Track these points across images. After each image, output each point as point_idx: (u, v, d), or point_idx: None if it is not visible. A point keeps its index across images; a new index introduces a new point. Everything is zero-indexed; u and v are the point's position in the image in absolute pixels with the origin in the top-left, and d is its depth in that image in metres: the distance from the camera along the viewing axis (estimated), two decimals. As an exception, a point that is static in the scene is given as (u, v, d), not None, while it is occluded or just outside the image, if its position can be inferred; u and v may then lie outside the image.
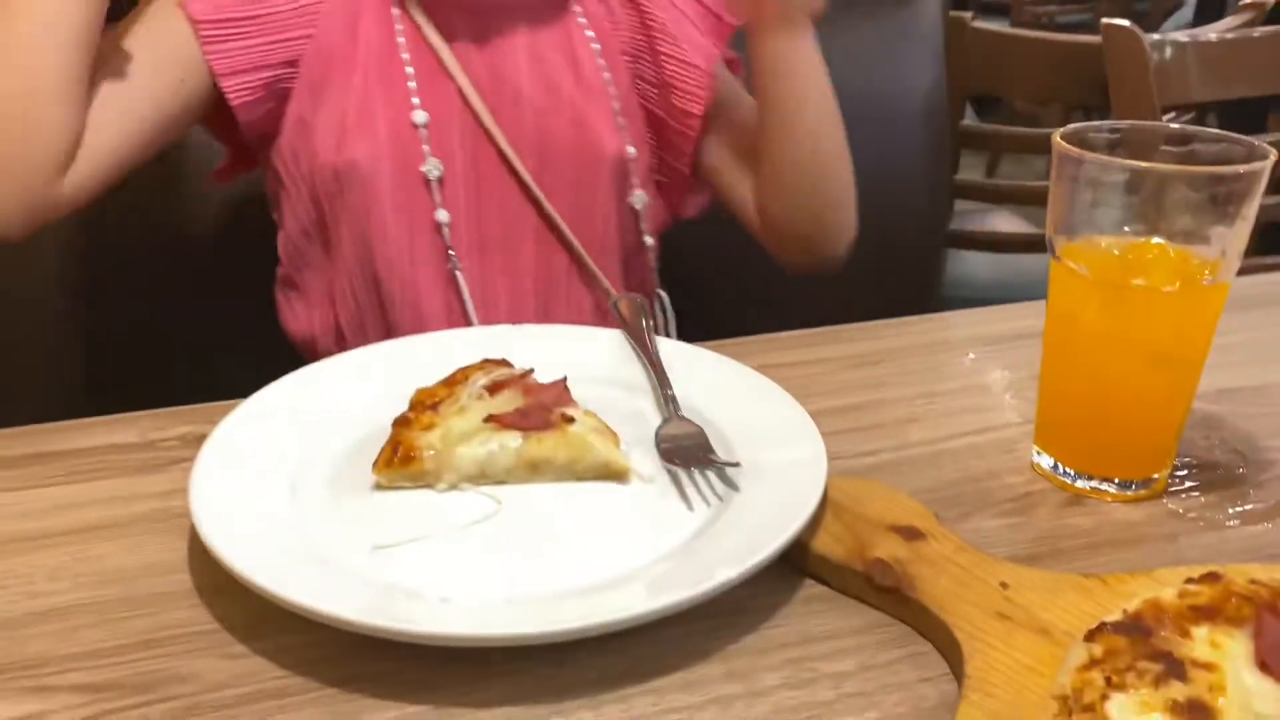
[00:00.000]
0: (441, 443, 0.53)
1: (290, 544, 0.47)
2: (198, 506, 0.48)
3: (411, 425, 0.54)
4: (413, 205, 0.79)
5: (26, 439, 0.60)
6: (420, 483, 0.53)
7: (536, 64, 0.83)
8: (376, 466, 0.52)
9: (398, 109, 0.78)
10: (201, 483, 0.50)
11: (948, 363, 0.71)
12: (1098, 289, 0.51)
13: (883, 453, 0.59)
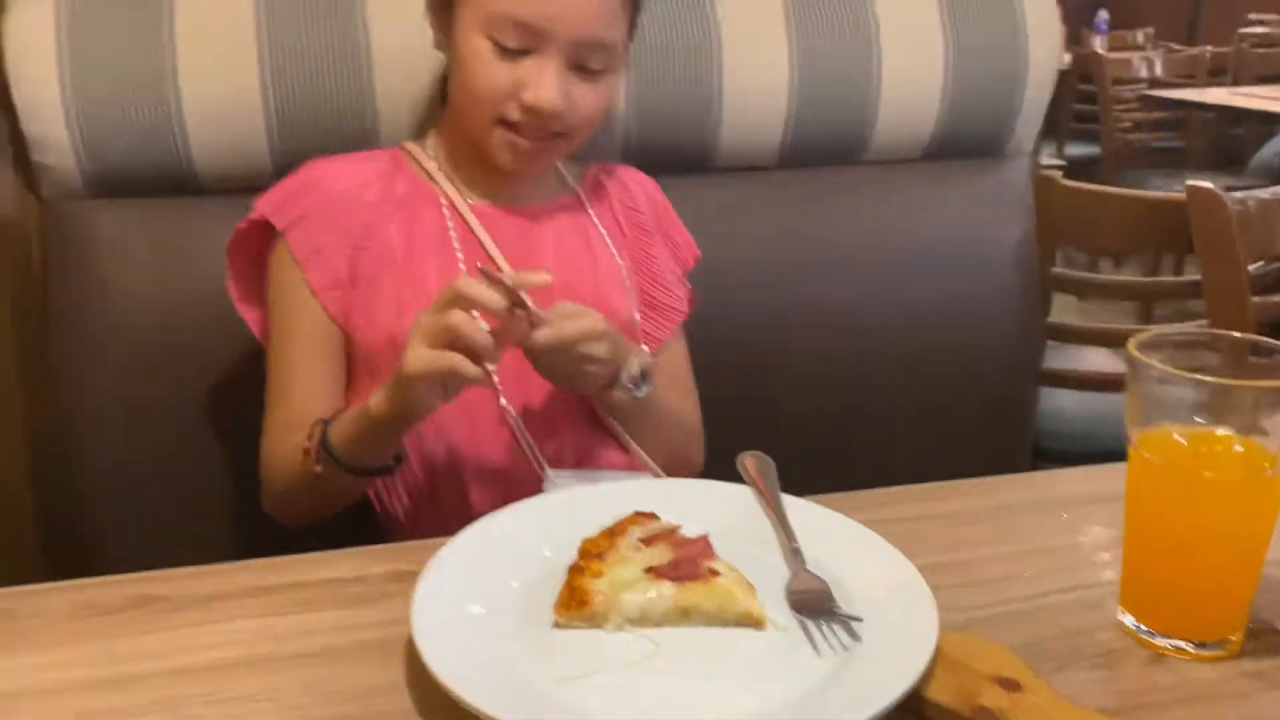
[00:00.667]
0: (610, 589, 0.63)
1: (494, 670, 0.58)
2: (421, 638, 0.58)
3: (584, 573, 0.64)
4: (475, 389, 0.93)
5: (256, 571, 0.72)
6: (592, 623, 0.63)
7: (563, 254, 1.02)
8: (557, 608, 0.63)
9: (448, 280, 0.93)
10: (420, 617, 0.60)
11: (1043, 522, 0.79)
12: (1169, 477, 0.60)
13: (984, 607, 0.67)
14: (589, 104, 0.96)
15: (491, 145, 0.96)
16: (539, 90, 0.91)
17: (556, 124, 0.94)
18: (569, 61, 0.93)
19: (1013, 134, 1.35)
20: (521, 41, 0.91)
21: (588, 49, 0.93)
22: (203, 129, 1.07)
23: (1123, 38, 5.54)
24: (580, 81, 0.94)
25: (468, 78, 0.94)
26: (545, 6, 0.90)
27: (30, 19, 1.04)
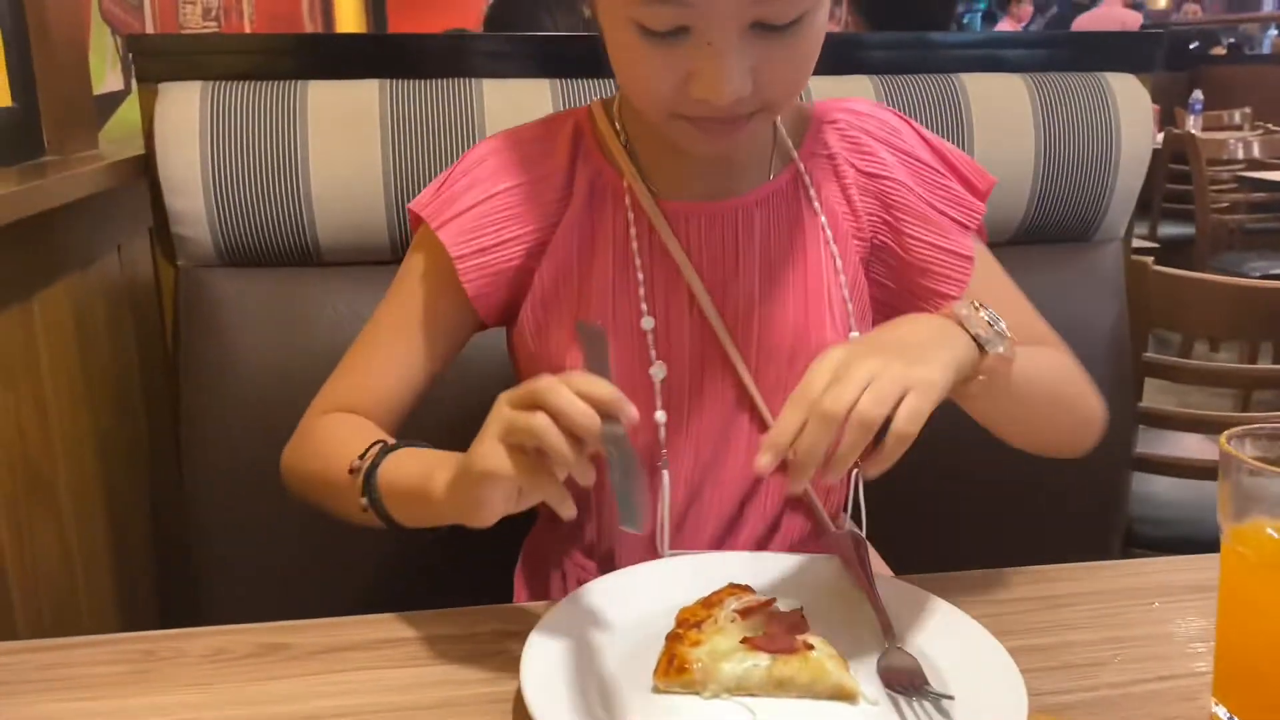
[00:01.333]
0: (708, 658, 0.66)
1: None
2: (529, 692, 0.62)
3: (683, 640, 0.67)
4: (636, 404, 0.82)
5: (375, 626, 0.77)
6: (689, 690, 0.66)
7: (766, 265, 0.85)
8: (657, 674, 0.66)
9: (628, 316, 0.83)
10: (529, 672, 0.64)
11: (1134, 608, 0.79)
12: (1261, 571, 0.61)
13: (1075, 692, 0.68)
14: (784, 71, 0.74)
15: (673, 136, 0.79)
16: (708, 84, 0.72)
17: (744, 106, 0.75)
18: (744, 24, 0.71)
19: (1104, 220, 1.37)
20: (672, 20, 0.70)
21: (766, 2, 0.70)
22: (327, 208, 1.15)
23: (1219, 117, 5.48)
24: (767, 43, 0.72)
25: (622, 78, 0.78)
26: None
27: (178, 104, 1.14)
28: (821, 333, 0.85)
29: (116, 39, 1.75)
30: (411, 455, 0.76)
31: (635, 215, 0.84)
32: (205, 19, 2.32)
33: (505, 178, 0.86)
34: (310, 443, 0.86)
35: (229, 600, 1.16)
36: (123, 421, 1.29)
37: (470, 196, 0.85)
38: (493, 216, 0.85)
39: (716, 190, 0.86)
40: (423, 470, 0.72)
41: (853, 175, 0.88)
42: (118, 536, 1.25)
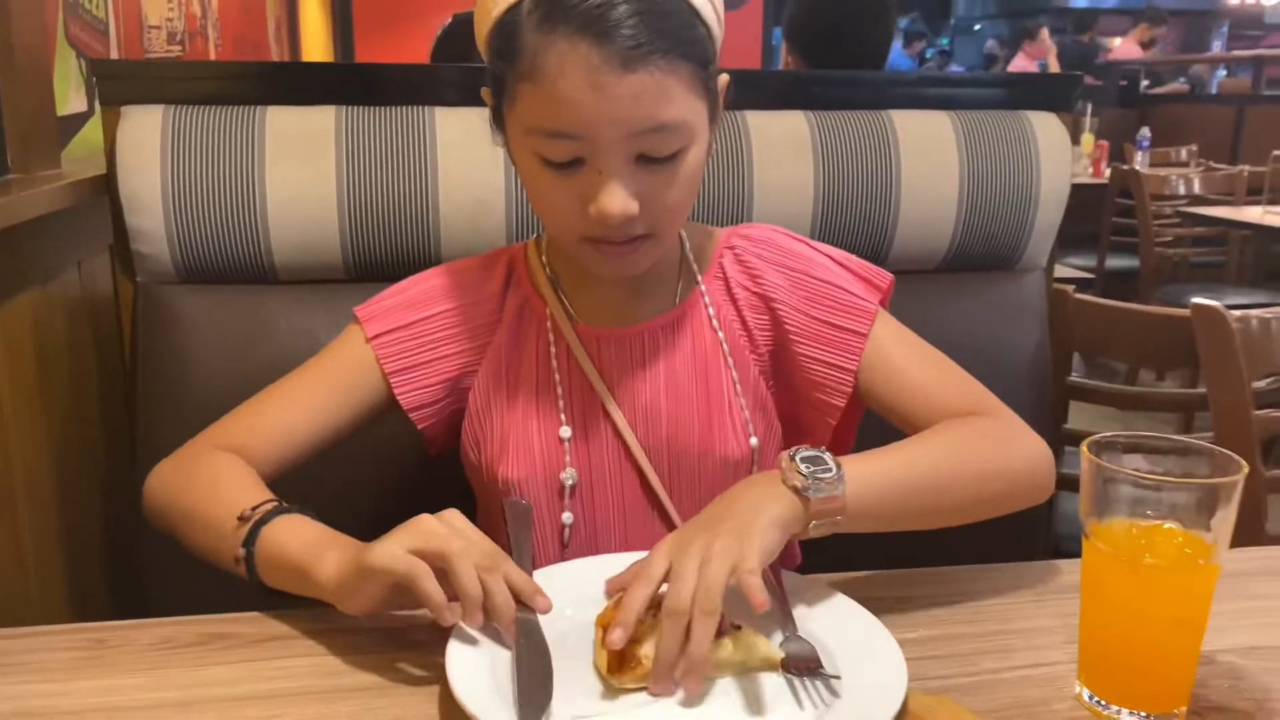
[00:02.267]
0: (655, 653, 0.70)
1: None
2: (453, 676, 0.67)
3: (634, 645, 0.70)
4: (549, 507, 0.93)
5: (315, 618, 0.81)
6: (641, 683, 0.70)
7: (672, 383, 0.95)
8: (610, 671, 0.69)
9: (549, 426, 0.94)
10: (453, 658, 0.70)
11: (1023, 605, 0.86)
12: (1116, 564, 0.67)
13: (955, 677, 0.74)
14: (666, 197, 0.84)
15: (583, 261, 0.89)
16: (599, 203, 0.81)
17: (635, 227, 0.84)
18: (630, 156, 0.81)
19: (1027, 250, 1.44)
20: (567, 153, 0.81)
21: (646, 137, 0.80)
22: (283, 228, 1.21)
23: (1166, 154, 5.65)
24: (651, 173, 0.82)
25: (534, 202, 0.89)
26: (579, 109, 0.78)
27: (140, 126, 1.19)
28: (725, 441, 0.94)
29: (81, 62, 1.79)
30: (303, 524, 0.81)
31: (555, 338, 0.96)
32: (170, 43, 2.37)
33: (443, 301, 0.97)
34: (195, 474, 0.90)
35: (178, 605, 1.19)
36: (80, 433, 1.33)
37: (408, 315, 0.96)
38: (429, 336, 0.96)
39: (626, 315, 0.96)
40: (311, 545, 0.77)
41: (745, 298, 0.98)
42: (72, 546, 1.28)
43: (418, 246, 1.24)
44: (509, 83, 0.82)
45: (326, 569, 0.74)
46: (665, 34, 0.79)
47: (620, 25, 0.77)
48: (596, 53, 0.77)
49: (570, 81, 0.78)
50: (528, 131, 0.82)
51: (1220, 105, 6.62)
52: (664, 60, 0.78)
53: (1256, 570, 0.93)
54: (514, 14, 0.81)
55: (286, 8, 4.47)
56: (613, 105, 0.78)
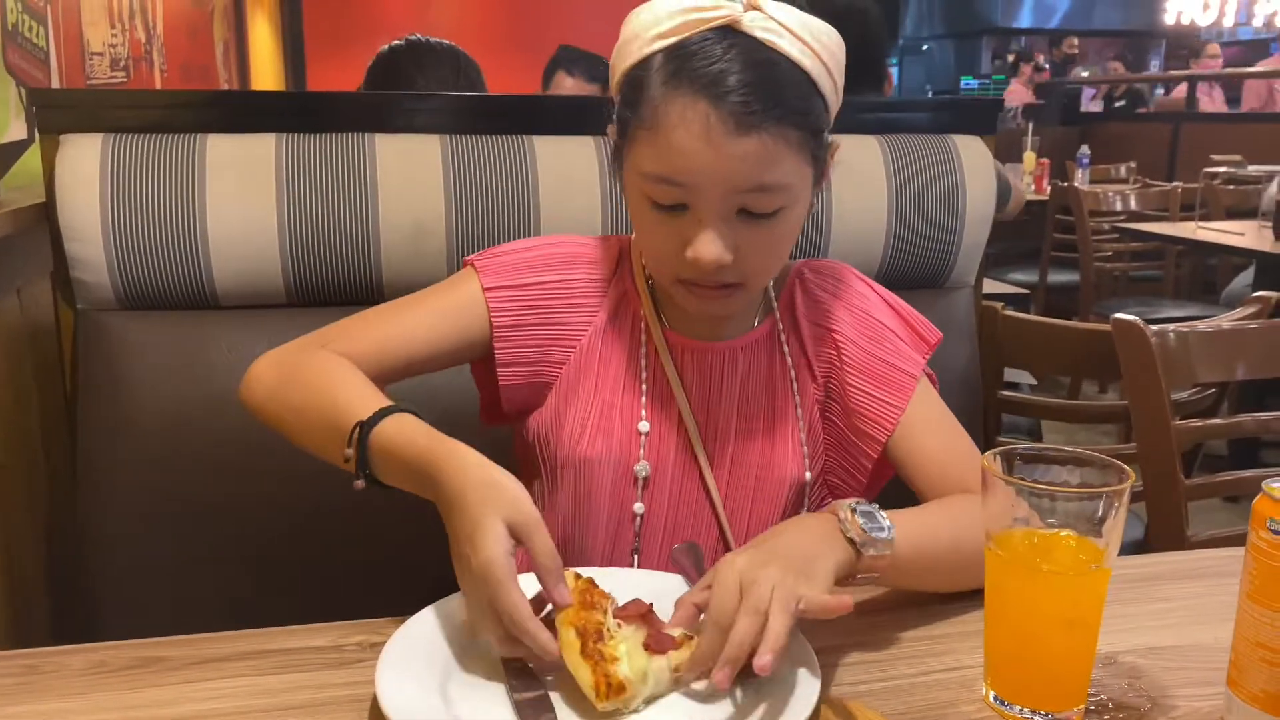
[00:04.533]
0: (635, 674, 0.71)
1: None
2: (382, 695, 0.69)
3: (604, 659, 0.71)
4: (621, 496, 0.99)
5: (249, 640, 0.83)
6: (626, 706, 0.71)
7: (744, 402, 1.01)
8: (598, 697, 0.70)
9: (629, 417, 0.99)
10: (382, 677, 0.72)
11: (945, 614, 0.89)
12: (1014, 570, 0.71)
13: (871, 682, 0.78)
14: (760, 251, 0.90)
15: (676, 297, 0.95)
16: (696, 248, 0.87)
17: (727, 275, 0.90)
18: (731, 210, 0.87)
19: (955, 268, 1.49)
20: (674, 198, 0.88)
21: (748, 195, 0.87)
22: (224, 254, 1.22)
23: (1106, 171, 5.80)
24: (749, 228, 0.88)
25: (639, 238, 0.97)
26: (690, 160, 0.85)
27: (80, 154, 1.20)
28: (784, 463, 1.00)
29: (21, 90, 1.79)
30: (418, 426, 0.84)
31: (646, 337, 1.01)
32: (114, 69, 2.37)
33: (560, 270, 1.01)
34: (302, 370, 0.93)
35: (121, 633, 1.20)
36: (20, 459, 1.32)
37: (526, 276, 1.00)
38: (541, 301, 1.00)
39: (711, 331, 1.02)
40: (429, 459, 0.80)
41: (810, 329, 1.04)
42: (11, 572, 1.28)
43: (359, 271, 1.26)
44: (631, 128, 0.90)
45: (455, 477, 0.78)
46: (780, 103, 0.85)
47: (735, 92, 0.83)
48: (714, 113, 0.84)
49: (686, 135, 0.85)
50: (641, 174, 0.89)
51: (1156, 123, 6.80)
52: (775, 127, 0.85)
53: (1164, 574, 0.98)
54: (644, 67, 0.88)
55: (234, 30, 4.46)
56: (721, 163, 0.85)
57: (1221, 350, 1.53)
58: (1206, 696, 0.75)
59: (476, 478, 0.77)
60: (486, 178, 1.28)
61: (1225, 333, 1.54)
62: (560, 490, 1.01)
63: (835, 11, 0.93)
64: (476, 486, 0.76)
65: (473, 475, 0.77)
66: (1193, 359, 1.50)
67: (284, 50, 5.55)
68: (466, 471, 0.77)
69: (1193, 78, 7.39)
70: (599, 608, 0.76)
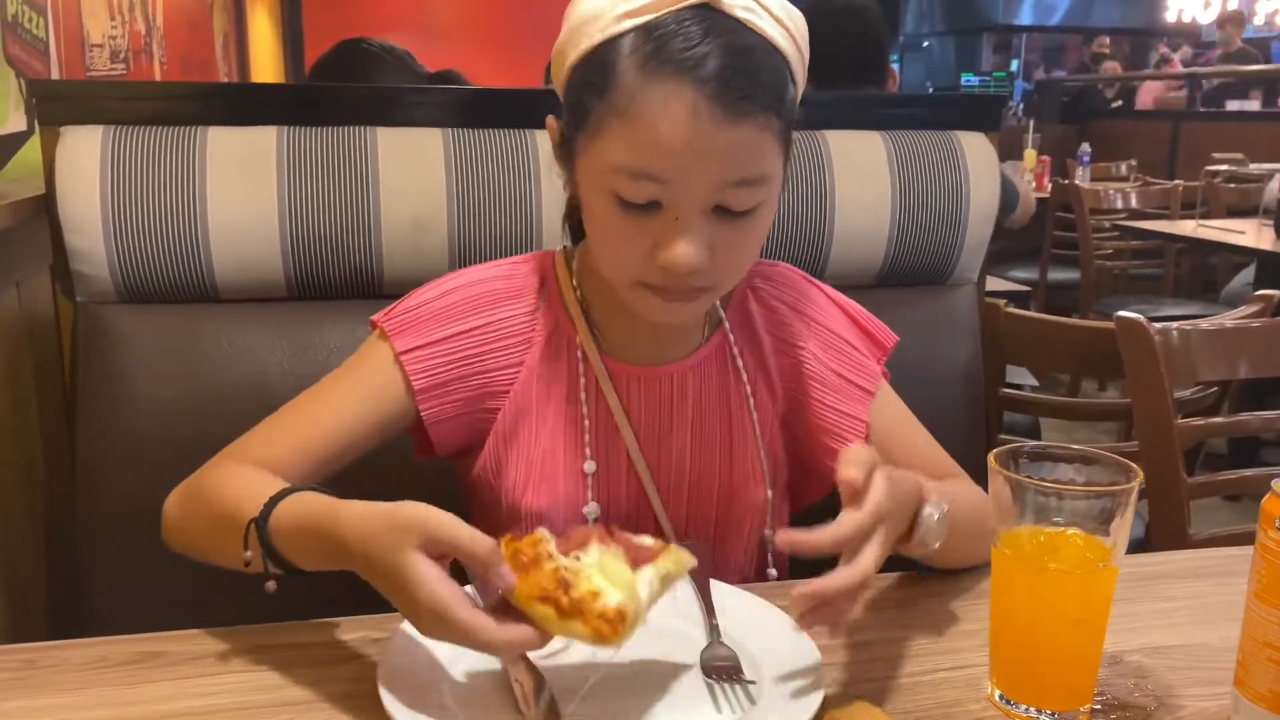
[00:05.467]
0: (631, 598, 0.66)
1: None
2: (384, 689, 0.69)
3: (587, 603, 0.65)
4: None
5: (249, 635, 0.82)
6: (636, 629, 0.66)
7: (697, 427, 0.94)
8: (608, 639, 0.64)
9: (574, 459, 0.92)
10: (384, 672, 0.71)
11: (939, 610, 0.89)
12: (1022, 568, 0.71)
13: (877, 680, 0.77)
14: (737, 251, 0.84)
15: (633, 303, 0.87)
16: (672, 251, 0.79)
17: (699, 279, 0.83)
18: (708, 207, 0.80)
19: (958, 265, 1.49)
20: (648, 195, 0.79)
21: (730, 191, 0.79)
22: (224, 247, 1.21)
23: (1107, 169, 5.79)
24: (725, 226, 0.81)
25: (596, 241, 0.87)
26: (673, 153, 0.77)
27: (80, 146, 1.20)
28: (745, 489, 0.95)
29: (21, 81, 1.78)
30: (313, 496, 0.77)
31: (585, 368, 0.93)
32: (113, 61, 2.36)
33: (475, 314, 0.92)
34: (204, 490, 0.88)
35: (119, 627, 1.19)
36: (18, 453, 1.32)
37: (439, 329, 0.91)
38: (461, 353, 0.92)
39: (655, 352, 0.95)
40: (329, 522, 0.73)
41: (769, 343, 0.99)
42: (10, 565, 1.28)
43: (360, 264, 1.25)
44: (594, 116, 0.80)
45: (351, 539, 0.70)
46: (763, 89, 0.78)
47: (721, 77, 0.76)
48: (701, 100, 0.76)
49: (670, 125, 0.76)
50: (610, 169, 0.80)
51: (1157, 121, 6.80)
52: (761, 116, 0.78)
53: (1168, 573, 0.97)
54: (612, 48, 0.79)
55: (234, 23, 4.45)
56: (707, 156, 0.77)
57: (1224, 349, 1.53)
58: (1213, 696, 0.75)
59: (367, 529, 0.69)
60: (488, 172, 1.27)
61: (1228, 331, 1.53)
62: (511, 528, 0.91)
63: (835, 8, 0.91)
64: (372, 535, 0.69)
65: (363, 527, 0.70)
66: (1195, 357, 1.49)
67: (284, 44, 5.54)
68: (355, 526, 0.70)
69: (1193, 75, 7.38)
70: (540, 560, 0.68)
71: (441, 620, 0.66)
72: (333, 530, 0.72)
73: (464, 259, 1.26)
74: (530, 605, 0.66)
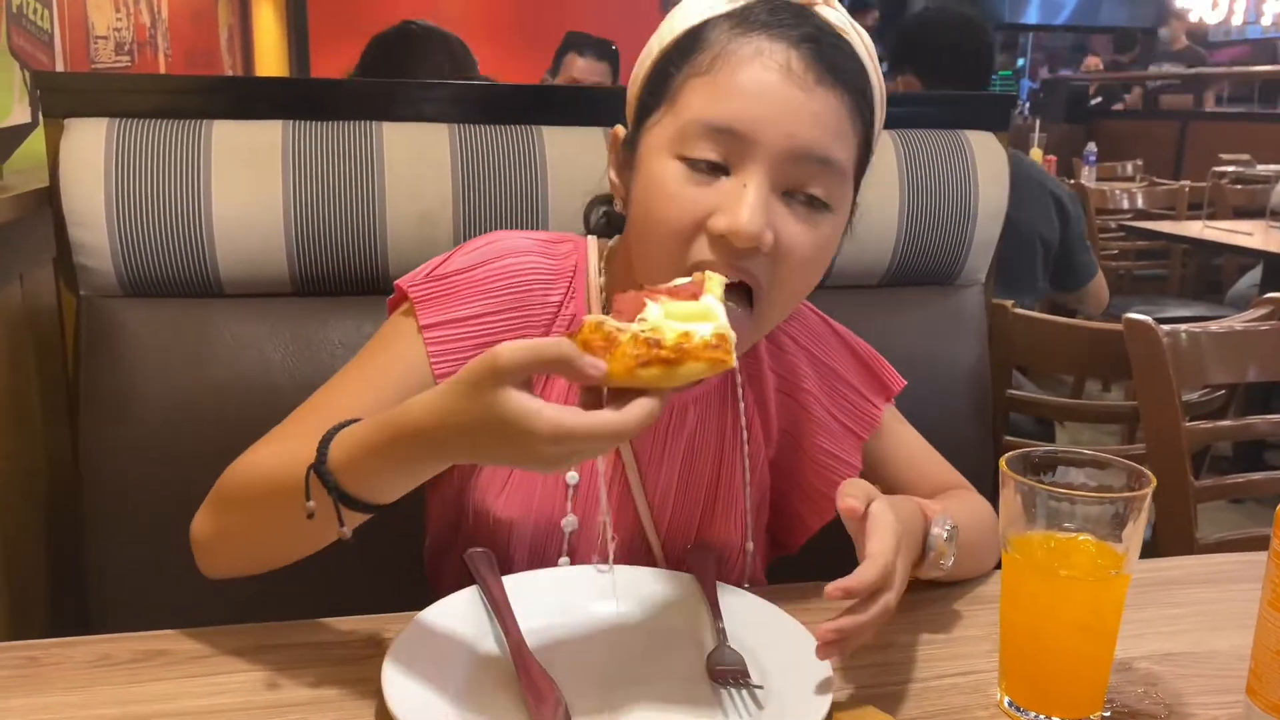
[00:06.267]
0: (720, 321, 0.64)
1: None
2: (388, 692, 0.68)
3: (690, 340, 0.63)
4: (545, 550, 0.89)
5: (253, 634, 0.82)
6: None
7: (689, 458, 0.92)
8: (728, 358, 0.63)
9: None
10: (389, 673, 0.70)
11: (955, 616, 0.88)
12: (1032, 574, 0.70)
13: (886, 685, 0.77)
14: (800, 245, 0.77)
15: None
16: (736, 214, 0.74)
17: (753, 265, 0.76)
18: (779, 182, 0.76)
19: (966, 265, 1.48)
20: (721, 152, 0.75)
21: (806, 166, 0.75)
22: (228, 241, 1.21)
23: (1112, 169, 5.78)
24: (791, 214, 0.76)
25: (649, 210, 0.79)
26: (757, 104, 0.74)
27: (84, 139, 1.19)
28: (723, 532, 0.93)
29: (25, 73, 1.78)
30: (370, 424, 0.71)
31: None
32: (118, 53, 2.35)
33: (506, 294, 0.87)
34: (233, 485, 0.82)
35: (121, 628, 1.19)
36: (22, 448, 1.31)
37: (468, 305, 0.86)
38: (484, 337, 0.86)
39: None
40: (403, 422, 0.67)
41: (773, 380, 0.96)
42: (11, 561, 1.27)
43: (364, 260, 1.24)
44: (674, 85, 0.78)
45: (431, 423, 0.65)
46: (852, 75, 0.77)
47: (823, 39, 0.76)
48: (796, 56, 0.75)
49: (763, 70, 0.74)
50: (687, 123, 0.76)
51: (1163, 121, 6.78)
52: (850, 98, 0.76)
53: (1178, 579, 0.96)
54: (703, 26, 0.79)
55: (239, 15, 4.44)
56: (797, 110, 0.74)
57: (1233, 351, 1.52)
58: (1224, 705, 0.74)
59: (444, 407, 0.64)
60: (494, 167, 1.27)
61: (1237, 334, 1.53)
62: (475, 535, 0.90)
63: (957, 19, 0.91)
64: (454, 409, 0.64)
65: (439, 407, 0.65)
66: (1204, 360, 1.49)
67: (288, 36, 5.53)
68: (431, 412, 0.65)
69: (1200, 76, 7.36)
70: (614, 337, 0.64)
71: (567, 437, 0.62)
72: (406, 431, 0.67)
73: (470, 255, 1.26)
74: (634, 377, 0.63)
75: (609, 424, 0.62)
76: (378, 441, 0.68)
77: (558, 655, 0.75)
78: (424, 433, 0.66)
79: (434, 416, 0.65)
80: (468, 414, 0.63)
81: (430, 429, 0.65)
